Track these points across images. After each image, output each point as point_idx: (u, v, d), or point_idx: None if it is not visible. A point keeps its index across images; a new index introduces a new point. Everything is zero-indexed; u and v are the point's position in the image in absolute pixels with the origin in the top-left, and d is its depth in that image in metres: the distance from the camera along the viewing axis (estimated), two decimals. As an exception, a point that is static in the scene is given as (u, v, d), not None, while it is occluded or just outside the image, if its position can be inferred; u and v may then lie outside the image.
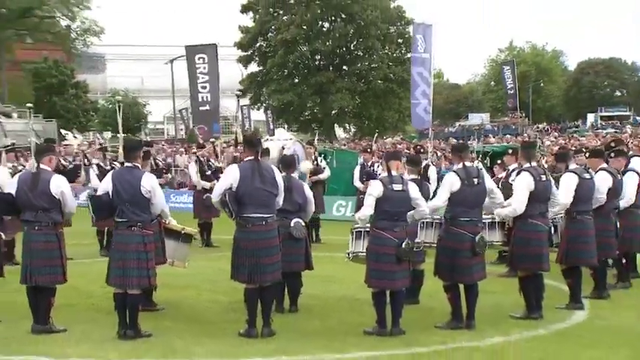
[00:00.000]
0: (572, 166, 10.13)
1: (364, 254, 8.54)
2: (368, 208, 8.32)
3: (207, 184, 15.63)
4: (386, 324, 8.31)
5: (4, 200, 8.62)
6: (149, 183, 8.17)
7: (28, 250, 8.40)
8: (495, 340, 8.21)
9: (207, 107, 29.01)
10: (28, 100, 56.54)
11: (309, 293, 10.06)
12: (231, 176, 8.25)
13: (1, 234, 9.19)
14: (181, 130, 67.22)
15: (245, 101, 60.31)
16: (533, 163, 9.32)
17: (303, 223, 9.42)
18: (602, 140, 28.56)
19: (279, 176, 8.50)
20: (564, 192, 9.56)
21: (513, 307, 9.31)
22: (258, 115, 64.09)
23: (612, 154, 11.28)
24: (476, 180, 8.51)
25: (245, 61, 60.88)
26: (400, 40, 61.17)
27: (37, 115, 51.32)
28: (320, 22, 59.37)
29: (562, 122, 78.62)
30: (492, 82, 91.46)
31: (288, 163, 9.65)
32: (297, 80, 59.22)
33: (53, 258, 8.39)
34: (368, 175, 15.10)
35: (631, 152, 13.59)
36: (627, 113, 75.46)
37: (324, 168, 16.54)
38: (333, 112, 59.32)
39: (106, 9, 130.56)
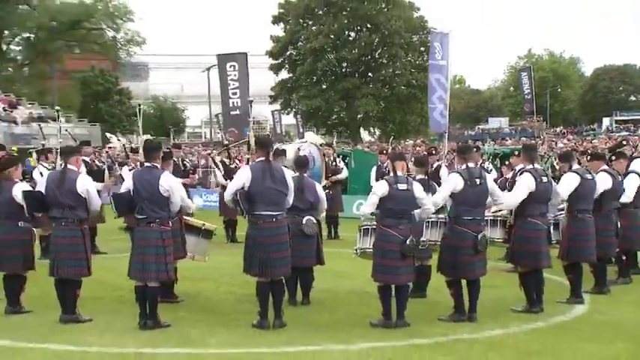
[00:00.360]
0: (575, 166, 10.00)
1: (371, 250, 8.46)
2: (370, 206, 8.28)
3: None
4: (391, 316, 8.21)
5: (35, 198, 8.64)
6: (167, 182, 8.14)
7: (55, 244, 8.47)
8: (495, 332, 8.09)
9: (238, 112, 29.08)
10: (76, 107, 57.54)
11: (320, 287, 9.98)
12: (243, 176, 8.19)
13: (34, 229, 9.14)
14: (217, 133, 67.39)
15: (276, 106, 60.61)
16: (536, 165, 9.17)
17: (315, 221, 9.34)
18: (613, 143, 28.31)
19: (289, 176, 8.43)
20: (564, 188, 9.45)
21: (515, 301, 9.15)
22: (288, 119, 64.16)
23: (614, 157, 11.21)
24: (478, 180, 8.39)
25: (276, 69, 61.10)
26: (422, 49, 60.66)
27: (83, 119, 51.90)
28: (347, 32, 59.39)
29: (578, 126, 78.01)
30: (511, 88, 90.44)
31: (301, 163, 9.58)
32: (324, 86, 59.30)
33: (78, 252, 8.41)
34: (383, 176, 14.98)
35: (635, 154, 13.33)
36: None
37: (342, 168, 16.42)
38: (359, 116, 59.29)
39: (148, 21, 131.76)
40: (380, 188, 8.19)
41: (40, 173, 12.68)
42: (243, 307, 8.96)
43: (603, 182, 10.00)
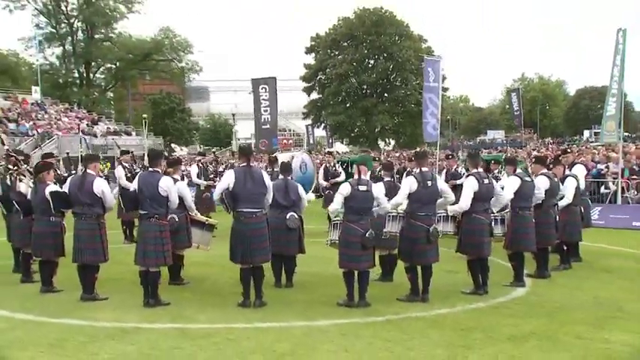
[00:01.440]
0: (518, 170, 9.65)
1: (337, 241, 8.23)
2: (335, 204, 8.11)
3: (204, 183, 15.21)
4: (354, 297, 7.96)
5: (61, 197, 8.53)
6: (165, 184, 7.99)
7: (77, 236, 8.34)
8: (442, 311, 7.84)
9: (268, 126, 29.03)
10: (148, 124, 58.03)
11: (307, 271, 9.79)
12: (228, 179, 7.98)
13: (64, 223, 9.02)
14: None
15: (308, 121, 60.68)
16: (479, 169, 8.83)
17: (297, 216, 9.11)
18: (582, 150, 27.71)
19: (267, 179, 8.19)
20: (508, 190, 9.17)
21: (465, 284, 8.83)
22: (318, 132, 64.35)
23: (551, 164, 11.04)
24: (430, 182, 8.13)
25: (308, 91, 61.16)
26: (430, 74, 60.25)
27: (150, 133, 52.29)
28: (366, 60, 59.15)
29: (563, 137, 76.91)
30: (507, 106, 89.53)
31: (285, 168, 9.34)
32: (348, 105, 59.08)
33: (95, 242, 8.31)
34: (376, 179, 14.72)
35: (576, 160, 12.84)
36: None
37: (340, 173, 16.10)
38: (377, 129, 59.09)
39: (212, 52, 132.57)
40: (344, 189, 7.96)
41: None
42: (237, 289, 8.61)
43: (542, 183, 9.73)
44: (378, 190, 8.15)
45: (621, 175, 18.70)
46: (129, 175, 12.88)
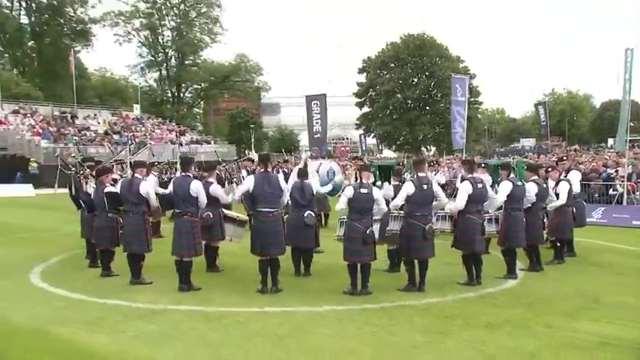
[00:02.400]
0: (512, 175, 9.17)
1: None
2: (341, 205, 7.84)
3: None
4: (357, 286, 7.70)
5: (114, 197, 8.60)
6: (195, 187, 7.91)
7: (126, 229, 8.37)
8: (433, 300, 7.44)
9: (319, 135, 29.02)
10: (225, 134, 58.88)
11: (323, 262, 9.46)
12: (249, 182, 7.89)
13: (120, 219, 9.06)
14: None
15: (360, 131, 60.27)
16: (474, 174, 8.45)
17: (313, 214, 8.88)
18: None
19: (282, 182, 8.04)
20: (501, 193, 8.73)
21: (462, 276, 8.41)
22: (370, 140, 63.90)
23: (550, 169, 10.55)
24: (425, 186, 7.79)
25: (360, 105, 60.61)
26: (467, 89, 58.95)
27: (224, 141, 53.01)
28: (410, 78, 58.08)
29: (589, 144, 74.20)
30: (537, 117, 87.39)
31: (302, 173, 9.08)
32: (394, 117, 58.15)
33: (141, 235, 8.30)
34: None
35: (572, 166, 12.14)
36: (638, 137, 71.17)
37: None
38: (419, 138, 58.05)
39: (282, 71, 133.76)
40: (348, 192, 7.72)
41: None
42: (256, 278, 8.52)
43: (532, 189, 9.22)
44: (378, 193, 7.87)
45: (628, 178, 17.80)
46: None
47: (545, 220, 9.62)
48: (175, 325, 6.39)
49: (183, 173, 8.15)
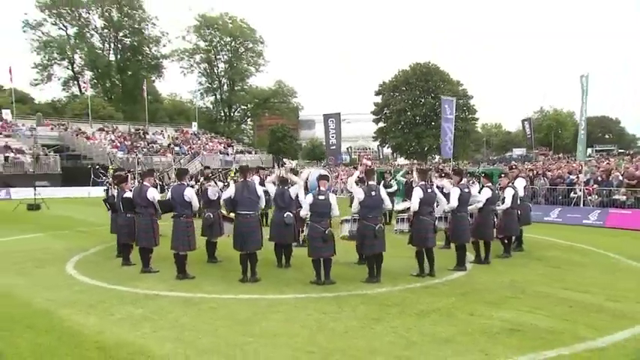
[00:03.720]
0: (464, 181, 8.74)
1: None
2: (303, 211, 7.59)
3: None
4: (321, 277, 7.44)
5: (128, 201, 8.53)
6: (189, 193, 7.76)
7: (137, 227, 8.28)
8: (382, 290, 7.10)
9: (334, 147, 28.68)
10: (266, 145, 59.07)
11: (304, 255, 8.95)
12: (231, 189, 7.71)
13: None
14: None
15: (377, 143, 59.54)
16: (426, 182, 8.05)
17: (292, 215, 8.52)
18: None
19: (259, 189, 7.78)
20: (453, 198, 8.35)
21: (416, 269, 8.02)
22: (386, 150, 63.22)
23: (502, 175, 10.00)
24: (374, 193, 7.46)
25: (376, 121, 59.67)
26: (465, 108, 57.67)
27: (264, 151, 53.08)
28: (418, 99, 56.90)
29: (572, 153, 71.98)
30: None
31: (283, 181, 8.80)
32: (405, 131, 57.04)
33: (149, 232, 8.20)
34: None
35: (520, 174, 11.45)
36: (611, 148, 68.89)
37: (391, 184, 14.18)
38: (425, 148, 56.72)
39: (317, 92, 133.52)
40: (308, 199, 7.51)
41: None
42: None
43: (485, 193, 8.83)
44: (333, 198, 7.55)
45: (586, 184, 17.01)
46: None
47: (495, 220, 9.14)
48: (158, 309, 6.21)
49: (178, 182, 8.02)
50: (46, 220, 16.37)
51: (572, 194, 17.49)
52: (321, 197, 7.35)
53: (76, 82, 56.34)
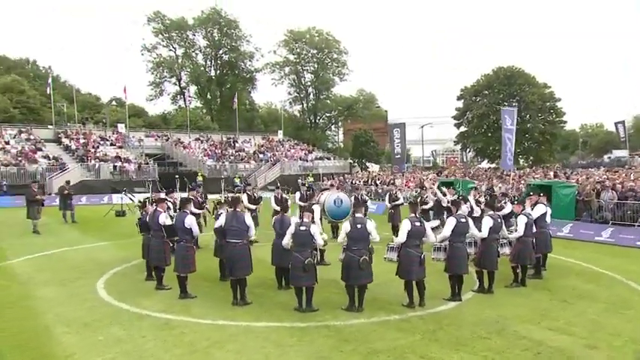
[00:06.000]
0: (461, 210, 8.13)
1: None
2: (285, 240, 7.63)
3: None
4: (302, 304, 7.35)
5: (144, 223, 9.03)
6: (189, 220, 8.04)
7: (149, 248, 8.74)
8: (355, 321, 6.80)
9: (399, 156, 28.10)
10: (349, 150, 59.15)
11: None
12: (222, 219, 7.89)
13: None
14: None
15: (458, 146, 57.02)
16: (417, 215, 7.61)
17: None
18: None
19: (248, 219, 7.83)
20: (447, 228, 7.84)
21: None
22: (468, 154, 60.33)
23: (530, 194, 9.39)
24: (360, 225, 7.24)
25: (458, 126, 57.12)
26: (552, 110, 53.31)
27: (347, 156, 53.09)
28: (502, 103, 53.58)
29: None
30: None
31: (283, 207, 8.77)
32: (488, 135, 54.02)
33: (160, 252, 8.57)
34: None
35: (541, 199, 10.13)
36: None
37: (427, 201, 13.25)
38: (508, 152, 53.40)
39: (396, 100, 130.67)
40: (291, 229, 7.48)
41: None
42: (256, 290, 8.31)
43: (486, 223, 8.21)
44: (315, 229, 7.41)
45: None
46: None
47: (498, 250, 8.41)
48: (136, 332, 6.41)
49: (181, 210, 8.35)
50: (122, 228, 17.21)
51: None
52: (302, 228, 7.29)
53: (182, 96, 60.72)
